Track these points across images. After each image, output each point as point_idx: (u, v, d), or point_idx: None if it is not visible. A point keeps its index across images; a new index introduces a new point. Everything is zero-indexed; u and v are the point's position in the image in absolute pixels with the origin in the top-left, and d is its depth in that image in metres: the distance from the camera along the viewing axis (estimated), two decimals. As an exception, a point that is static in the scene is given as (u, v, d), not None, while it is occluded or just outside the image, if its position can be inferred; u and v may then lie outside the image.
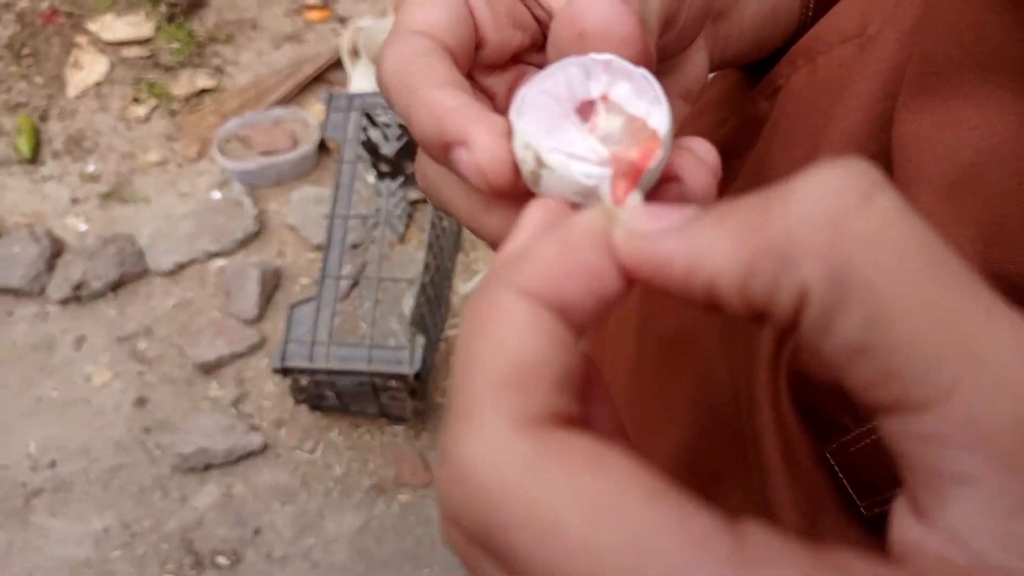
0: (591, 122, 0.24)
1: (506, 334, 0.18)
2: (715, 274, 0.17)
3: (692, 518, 0.15)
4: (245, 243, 1.80)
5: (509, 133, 0.23)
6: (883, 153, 0.33)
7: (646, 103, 0.24)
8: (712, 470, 0.42)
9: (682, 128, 0.38)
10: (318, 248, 1.78)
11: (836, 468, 0.32)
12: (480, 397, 0.17)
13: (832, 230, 0.16)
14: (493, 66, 0.30)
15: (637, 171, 0.23)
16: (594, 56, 0.24)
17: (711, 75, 0.38)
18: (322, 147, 1.91)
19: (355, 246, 1.66)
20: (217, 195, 1.87)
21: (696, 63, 0.34)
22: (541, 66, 0.31)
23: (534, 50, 0.31)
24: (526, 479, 0.16)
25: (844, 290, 0.16)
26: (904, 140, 0.31)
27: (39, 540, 1.53)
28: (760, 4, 0.38)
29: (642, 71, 0.24)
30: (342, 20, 2.16)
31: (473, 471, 0.17)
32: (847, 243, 0.16)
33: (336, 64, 2.04)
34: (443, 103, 0.24)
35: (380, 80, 0.26)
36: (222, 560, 1.50)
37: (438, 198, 0.29)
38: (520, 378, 0.17)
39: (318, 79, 2.04)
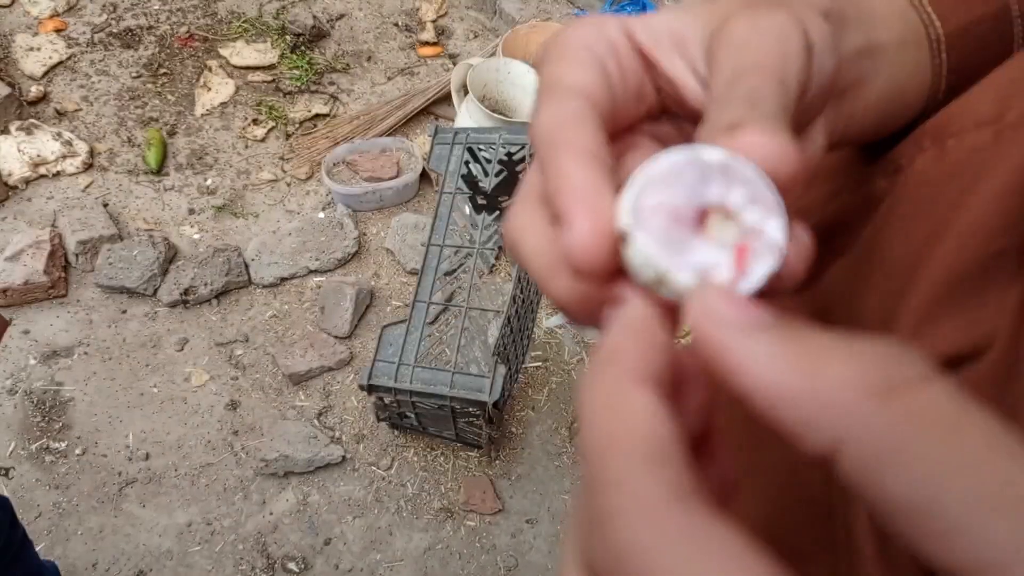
0: (707, 230, 0.24)
1: (634, 416, 0.20)
2: (757, 386, 0.19)
3: None
4: (343, 263, 1.88)
5: (610, 221, 0.24)
6: (1015, 250, 0.32)
7: (762, 211, 0.24)
8: (794, 546, 0.42)
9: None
10: (412, 272, 1.85)
11: None
12: (630, 470, 0.19)
13: (878, 398, 0.18)
14: (609, 136, 0.30)
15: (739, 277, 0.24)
16: (707, 155, 0.24)
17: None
18: (424, 177, 1.98)
19: (447, 274, 1.71)
20: (321, 215, 1.96)
21: (813, 143, 0.33)
22: (653, 136, 0.32)
23: (647, 120, 0.31)
24: (684, 551, 0.18)
25: (888, 454, 0.17)
26: None
27: (128, 527, 1.61)
28: (887, 83, 0.37)
29: (759, 173, 0.24)
30: (452, 57, 2.25)
31: (629, 534, 0.19)
32: (892, 412, 0.18)
33: (443, 98, 2.12)
34: (568, 175, 0.25)
35: (532, 133, 0.27)
36: (292, 566, 1.55)
37: (516, 248, 0.29)
38: (661, 453, 0.20)
39: (425, 111, 2.12)
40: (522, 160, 1.76)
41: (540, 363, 1.73)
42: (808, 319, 0.47)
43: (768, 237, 0.24)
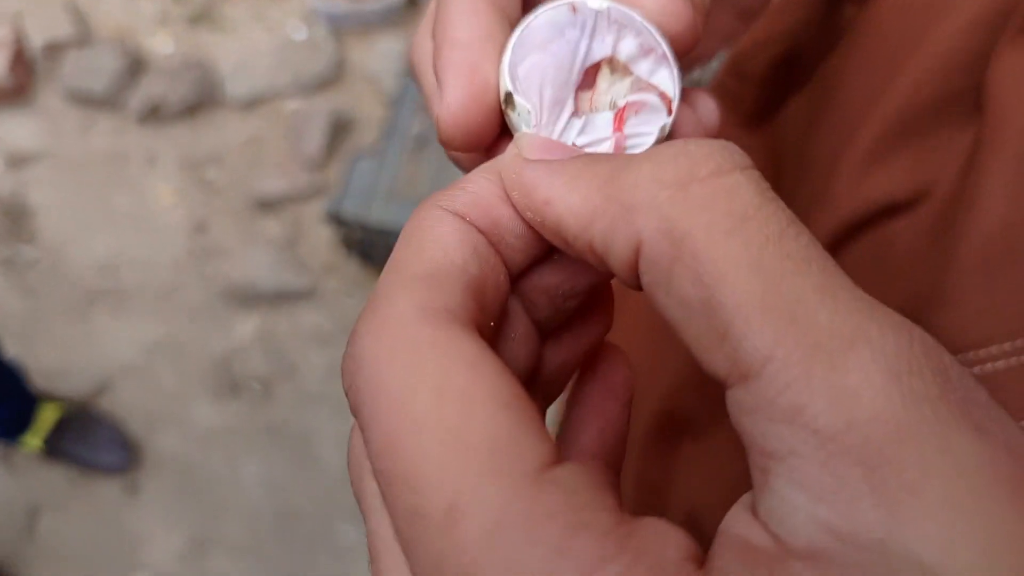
0: (595, 87, 0.23)
1: (428, 241, 0.19)
2: (567, 209, 0.18)
3: (518, 442, 0.15)
4: (322, 87, 1.79)
5: (490, 89, 0.22)
6: (972, 88, 0.30)
7: (652, 61, 0.22)
8: (681, 423, 0.42)
9: (760, 22, 0.34)
10: (394, 105, 1.76)
11: None
12: (392, 286, 0.18)
13: (674, 190, 0.17)
14: None
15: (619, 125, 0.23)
16: (592, 3, 0.22)
17: None
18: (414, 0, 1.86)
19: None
20: (302, 35, 1.85)
21: None
22: None
23: None
24: (406, 355, 0.17)
25: (677, 245, 0.16)
26: (999, 78, 0.28)
27: (96, 338, 1.62)
28: None
29: (646, 22, 0.22)
30: None
31: (364, 342, 0.17)
32: (686, 202, 0.16)
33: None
34: (453, 26, 0.22)
35: None
36: (256, 386, 1.57)
37: (416, 78, 0.27)
38: (433, 274, 0.18)
39: (420, -73, 1.96)
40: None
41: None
42: (760, 160, 0.45)
43: (658, 93, 0.23)
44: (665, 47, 0.22)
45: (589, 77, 0.23)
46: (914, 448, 0.14)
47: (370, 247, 1.57)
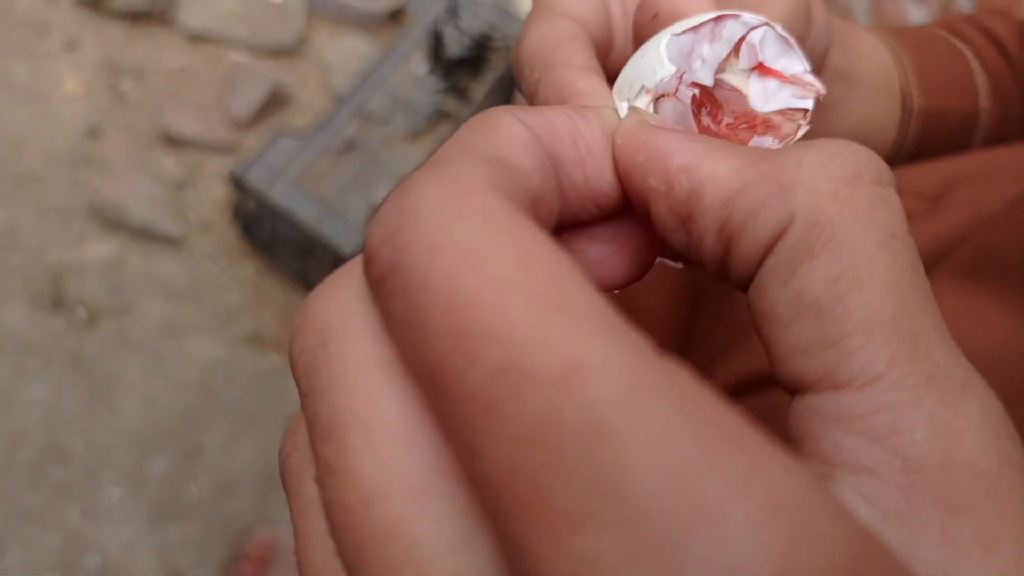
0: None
1: (502, 135, 0.17)
2: (709, 177, 0.17)
3: (625, 322, 0.13)
4: (275, 54, 1.75)
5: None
6: None
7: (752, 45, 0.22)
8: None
9: None
10: (338, 100, 1.74)
11: None
12: (461, 156, 0.16)
13: (840, 185, 0.16)
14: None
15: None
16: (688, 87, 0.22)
17: None
18: (397, 14, 1.86)
19: (371, 118, 1.62)
20: (277, -4, 1.81)
21: None
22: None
23: None
24: (477, 218, 0.14)
25: (823, 240, 0.16)
26: None
27: (-72, 196, 1.48)
28: (858, 122, 0.38)
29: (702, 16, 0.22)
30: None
31: (427, 195, 0.14)
32: (848, 202, 0.16)
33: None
34: (575, 83, 0.23)
35: (517, 55, 0.25)
36: (82, 313, 1.46)
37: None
38: (502, 162, 0.16)
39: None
40: (494, 48, 1.67)
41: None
42: (679, 292, 0.47)
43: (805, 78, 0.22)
44: (746, 15, 0.22)
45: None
46: (998, 506, 0.14)
47: (255, 223, 1.52)
